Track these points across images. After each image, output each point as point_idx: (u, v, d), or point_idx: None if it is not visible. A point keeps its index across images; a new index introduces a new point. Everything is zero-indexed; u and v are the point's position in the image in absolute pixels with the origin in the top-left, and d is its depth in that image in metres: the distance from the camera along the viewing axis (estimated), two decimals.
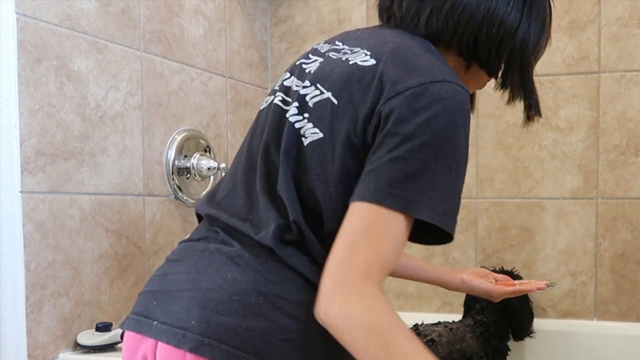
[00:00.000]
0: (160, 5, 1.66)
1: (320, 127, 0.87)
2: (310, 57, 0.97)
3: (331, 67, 0.90)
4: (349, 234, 0.79)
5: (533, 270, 1.89)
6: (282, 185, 0.89)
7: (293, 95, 0.93)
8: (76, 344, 1.41)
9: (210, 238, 0.95)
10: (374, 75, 0.84)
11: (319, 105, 0.88)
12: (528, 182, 1.89)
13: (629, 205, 1.81)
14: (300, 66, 0.96)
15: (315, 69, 0.93)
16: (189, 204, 1.75)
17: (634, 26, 1.79)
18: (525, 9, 0.93)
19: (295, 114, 0.89)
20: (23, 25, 1.29)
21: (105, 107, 1.49)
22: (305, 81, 0.92)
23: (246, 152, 0.97)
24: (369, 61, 0.87)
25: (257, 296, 0.86)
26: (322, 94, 0.88)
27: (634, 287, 1.81)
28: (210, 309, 0.85)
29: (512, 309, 1.66)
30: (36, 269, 1.33)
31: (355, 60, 0.89)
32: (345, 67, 0.88)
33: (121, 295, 1.54)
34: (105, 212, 1.49)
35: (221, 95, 1.92)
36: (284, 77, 0.99)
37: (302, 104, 0.90)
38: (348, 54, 0.91)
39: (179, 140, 1.71)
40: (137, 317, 0.91)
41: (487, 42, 0.92)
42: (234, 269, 0.88)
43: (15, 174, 1.29)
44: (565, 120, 1.85)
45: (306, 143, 0.88)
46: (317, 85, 0.90)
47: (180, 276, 0.91)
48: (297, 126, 0.89)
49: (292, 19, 2.12)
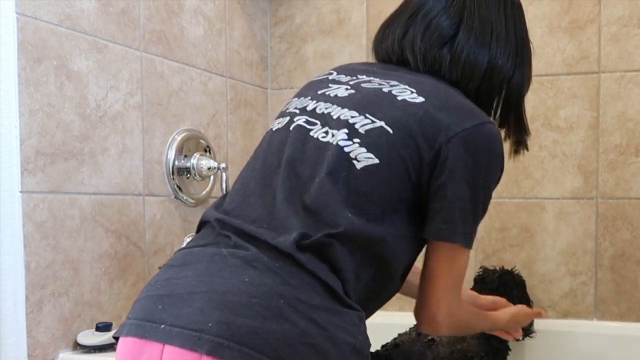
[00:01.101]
0: (160, 5, 1.66)
1: (376, 153, 0.94)
2: (330, 85, 1.05)
3: (376, 99, 0.99)
4: (442, 268, 1.00)
5: (533, 270, 1.89)
6: (324, 200, 0.93)
7: (321, 117, 1.00)
8: (76, 344, 1.41)
9: (220, 243, 0.94)
10: (426, 112, 0.95)
11: (372, 133, 0.95)
12: (528, 182, 1.89)
13: (629, 205, 1.81)
14: (324, 93, 1.03)
15: (348, 96, 1.01)
16: (189, 204, 1.75)
17: (634, 26, 1.79)
18: (517, 58, 1.10)
19: (344, 139, 0.95)
20: (23, 25, 1.29)
21: (105, 107, 1.49)
22: (338, 106, 1.00)
23: (260, 168, 1.01)
24: (417, 98, 0.97)
25: (277, 298, 0.85)
26: (374, 123, 0.95)
27: (634, 287, 1.81)
28: (229, 311, 0.84)
29: None
30: (36, 269, 1.33)
31: (403, 97, 0.98)
32: (395, 100, 0.97)
33: (121, 295, 1.54)
34: (105, 212, 1.49)
35: (221, 95, 1.92)
36: (301, 101, 1.05)
37: (352, 130, 0.96)
38: (386, 86, 1.00)
39: (179, 140, 1.71)
40: (139, 322, 0.88)
41: (490, 87, 1.07)
42: (252, 271, 0.88)
43: (15, 174, 1.29)
44: (565, 120, 1.85)
45: (359, 167, 0.94)
46: (365, 115, 0.97)
47: (189, 280, 0.89)
48: (346, 150, 0.94)
49: (292, 19, 2.12)
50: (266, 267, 0.88)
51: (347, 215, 0.92)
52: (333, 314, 0.88)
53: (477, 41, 1.04)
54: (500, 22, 1.07)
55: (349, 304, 0.91)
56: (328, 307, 0.87)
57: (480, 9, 1.06)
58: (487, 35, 1.05)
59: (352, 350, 0.89)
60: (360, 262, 0.94)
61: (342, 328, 0.88)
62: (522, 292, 1.72)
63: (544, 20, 1.86)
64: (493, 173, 1.00)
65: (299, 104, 1.06)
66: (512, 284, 1.70)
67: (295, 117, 1.03)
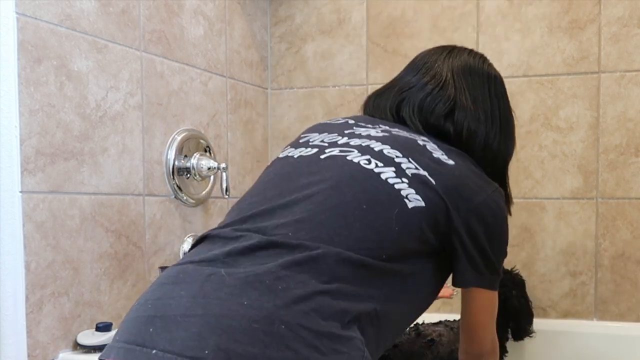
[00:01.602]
0: (160, 5, 1.66)
1: (422, 197, 0.99)
2: (355, 128, 1.11)
3: (416, 148, 1.06)
4: (486, 314, 1.13)
5: (533, 270, 1.89)
6: (372, 229, 0.95)
7: (359, 148, 1.04)
8: (76, 344, 1.41)
9: (217, 261, 0.89)
10: (460, 174, 1.05)
11: (417, 179, 1.00)
12: (528, 182, 1.89)
13: (629, 205, 1.81)
14: (352, 132, 1.08)
15: (383, 137, 1.06)
16: (189, 204, 1.75)
17: (634, 26, 1.79)
18: (503, 133, 1.19)
19: (392, 176, 1.00)
20: (23, 25, 1.29)
21: (105, 107, 1.49)
22: (375, 141, 1.05)
23: (273, 188, 1.01)
24: (449, 161, 1.06)
25: (278, 324, 0.81)
26: (418, 170, 1.02)
27: (634, 287, 1.81)
28: (227, 337, 0.79)
29: (512, 310, 1.66)
30: (36, 269, 1.33)
31: (437, 156, 1.06)
32: (431, 156, 1.05)
33: (121, 295, 1.54)
34: (105, 212, 1.49)
35: (221, 95, 1.92)
36: (326, 136, 1.09)
37: (399, 169, 1.01)
38: (419, 139, 1.09)
39: (179, 140, 1.71)
40: (129, 346, 0.83)
41: (483, 158, 1.18)
42: (251, 293, 0.83)
43: (15, 174, 1.29)
44: (565, 120, 1.85)
45: (410, 206, 0.98)
46: (409, 159, 1.03)
47: (183, 300, 0.84)
48: (397, 187, 0.99)
49: (292, 19, 2.12)
50: (267, 289, 0.84)
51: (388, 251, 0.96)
52: (336, 340, 0.84)
53: (473, 117, 1.15)
54: (486, 100, 1.18)
55: (352, 328, 0.88)
56: (331, 332, 0.84)
57: (469, 89, 1.17)
58: (479, 112, 1.16)
59: None
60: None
61: (344, 354, 0.84)
62: (522, 292, 1.72)
63: (544, 20, 1.86)
64: (505, 230, 1.11)
65: (324, 138, 1.09)
66: (511, 284, 1.69)
67: (326, 149, 1.05)
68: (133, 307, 0.90)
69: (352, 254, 0.91)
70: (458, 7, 1.94)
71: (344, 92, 2.08)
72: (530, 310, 1.71)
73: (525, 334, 1.70)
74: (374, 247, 0.94)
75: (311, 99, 2.11)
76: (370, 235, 0.94)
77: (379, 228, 0.95)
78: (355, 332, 0.88)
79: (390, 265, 0.95)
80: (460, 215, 1.02)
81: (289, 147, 1.11)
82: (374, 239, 0.94)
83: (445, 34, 1.95)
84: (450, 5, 1.95)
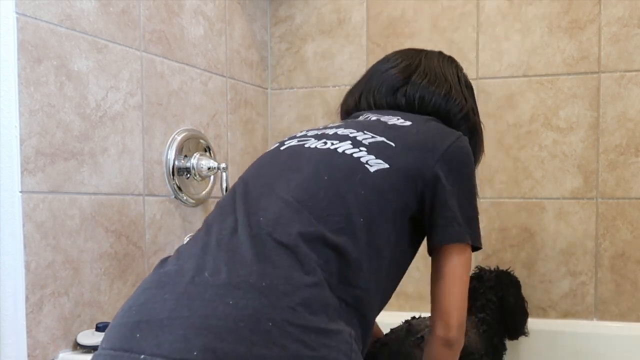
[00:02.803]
0: (160, 5, 1.66)
1: (384, 160, 1.01)
2: (326, 131, 1.13)
3: (370, 124, 1.11)
4: (457, 279, 1.06)
5: (533, 270, 1.89)
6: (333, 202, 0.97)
7: (314, 136, 1.09)
8: (76, 344, 1.41)
9: (198, 264, 0.89)
10: (418, 131, 1.08)
11: (375, 145, 1.03)
12: (528, 182, 1.89)
13: (629, 205, 1.81)
14: (317, 134, 1.12)
15: (339, 125, 1.13)
16: (189, 204, 1.75)
17: (634, 26, 1.79)
18: (467, 91, 1.27)
19: (349, 148, 1.02)
20: (23, 25, 1.29)
21: (105, 107, 1.49)
22: (335, 129, 1.10)
23: (257, 177, 1.04)
24: (406, 122, 1.10)
25: (265, 321, 0.81)
26: (375, 137, 1.05)
27: (634, 287, 1.81)
28: (214, 336, 0.79)
29: (508, 308, 1.66)
30: (36, 269, 1.33)
31: (393, 122, 1.10)
32: (387, 125, 1.09)
33: (121, 295, 1.54)
34: (105, 212, 1.49)
35: (221, 95, 1.92)
36: (300, 136, 1.14)
37: (355, 142, 1.04)
38: (373, 117, 1.14)
39: (179, 140, 1.71)
40: (116, 353, 0.82)
41: (449, 115, 1.24)
42: (236, 293, 0.83)
43: (15, 174, 1.29)
44: (565, 120, 1.85)
45: (372, 170, 1.00)
46: (364, 132, 1.06)
47: (167, 304, 0.84)
48: (355, 156, 1.01)
49: (292, 19, 2.12)
50: (251, 288, 0.83)
51: (359, 220, 0.96)
52: (324, 334, 0.84)
53: (423, 87, 1.21)
54: (439, 71, 1.25)
55: (342, 321, 0.89)
56: (318, 327, 0.84)
57: (427, 67, 1.25)
58: (430, 81, 1.23)
59: None
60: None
61: (333, 348, 0.84)
62: (518, 292, 1.72)
63: (544, 20, 1.86)
64: (474, 174, 1.12)
65: (286, 138, 1.16)
66: (509, 283, 1.70)
67: (284, 142, 1.12)
68: (117, 314, 0.89)
69: (328, 234, 0.91)
70: (458, 7, 1.94)
71: (344, 92, 2.04)
72: (525, 310, 1.71)
73: (520, 333, 1.70)
74: (345, 213, 0.95)
75: (311, 99, 2.11)
76: (337, 201, 0.95)
77: (344, 194, 0.96)
78: (342, 324, 0.88)
79: (366, 237, 0.95)
80: (429, 165, 1.03)
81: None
82: (341, 204, 0.95)
83: (445, 34, 1.95)
84: (450, 5, 1.95)
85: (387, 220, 0.99)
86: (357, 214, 0.95)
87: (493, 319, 1.61)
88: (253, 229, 0.92)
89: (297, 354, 0.80)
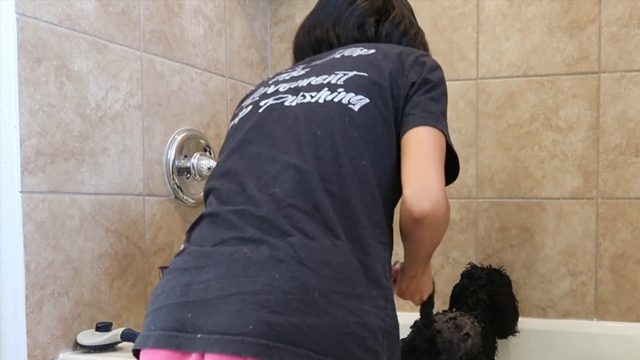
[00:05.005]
0: (160, 5, 1.66)
1: (364, 94, 1.02)
2: (278, 77, 1.13)
3: (336, 63, 1.09)
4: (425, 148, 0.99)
5: (533, 270, 1.89)
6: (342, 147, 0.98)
7: (289, 92, 1.06)
8: (76, 344, 1.41)
9: (232, 239, 0.90)
10: (384, 54, 1.08)
11: (350, 81, 1.03)
12: (528, 182, 1.89)
13: (629, 205, 1.81)
14: (276, 81, 1.12)
15: (305, 72, 1.10)
16: (189, 204, 1.75)
17: (634, 26, 1.79)
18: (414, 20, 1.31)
19: (328, 94, 1.02)
20: (23, 25, 1.29)
21: (105, 107, 1.49)
22: (301, 80, 1.07)
23: (253, 147, 1.02)
24: (370, 50, 1.09)
25: (312, 292, 0.84)
26: (347, 74, 1.04)
27: (634, 287, 1.81)
28: (266, 310, 0.82)
29: (499, 307, 1.66)
30: (36, 269, 1.33)
31: (358, 53, 1.09)
32: (352, 58, 1.08)
33: (121, 295, 1.54)
34: (105, 212, 1.49)
35: (221, 95, 1.92)
36: (254, 95, 1.12)
37: (330, 85, 1.03)
38: (336, 55, 1.12)
39: (179, 140, 1.71)
40: (169, 333, 0.84)
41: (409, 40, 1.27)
42: (279, 266, 0.85)
43: (15, 174, 1.29)
44: (565, 120, 1.85)
45: (356, 109, 1.00)
46: (335, 73, 1.05)
47: (213, 283, 0.86)
48: (336, 100, 1.01)
49: (292, 19, 2.12)
50: (293, 260, 0.86)
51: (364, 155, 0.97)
52: (362, 300, 0.88)
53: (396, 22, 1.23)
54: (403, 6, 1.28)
55: (374, 285, 0.91)
56: (358, 294, 0.87)
57: None
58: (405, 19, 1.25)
59: (383, 334, 0.89)
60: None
61: (371, 313, 0.88)
62: (509, 291, 1.72)
63: (544, 20, 1.86)
64: (443, 79, 1.12)
65: (255, 96, 1.11)
66: (500, 282, 1.70)
67: (259, 103, 1.07)
68: (157, 296, 0.90)
69: (338, 191, 0.93)
70: (458, 7, 1.94)
71: None
72: (516, 310, 1.71)
73: (509, 332, 1.70)
74: (348, 160, 0.96)
75: None
76: (338, 151, 0.96)
77: (341, 142, 0.97)
78: (377, 288, 0.91)
79: (375, 178, 0.97)
80: (401, 81, 1.05)
81: (235, 113, 1.15)
82: (342, 153, 0.96)
83: (445, 34, 1.95)
84: (450, 5, 1.95)
85: (385, 156, 1.00)
86: (359, 158, 0.97)
87: (485, 317, 1.61)
88: (273, 202, 0.92)
89: (345, 322, 0.84)
